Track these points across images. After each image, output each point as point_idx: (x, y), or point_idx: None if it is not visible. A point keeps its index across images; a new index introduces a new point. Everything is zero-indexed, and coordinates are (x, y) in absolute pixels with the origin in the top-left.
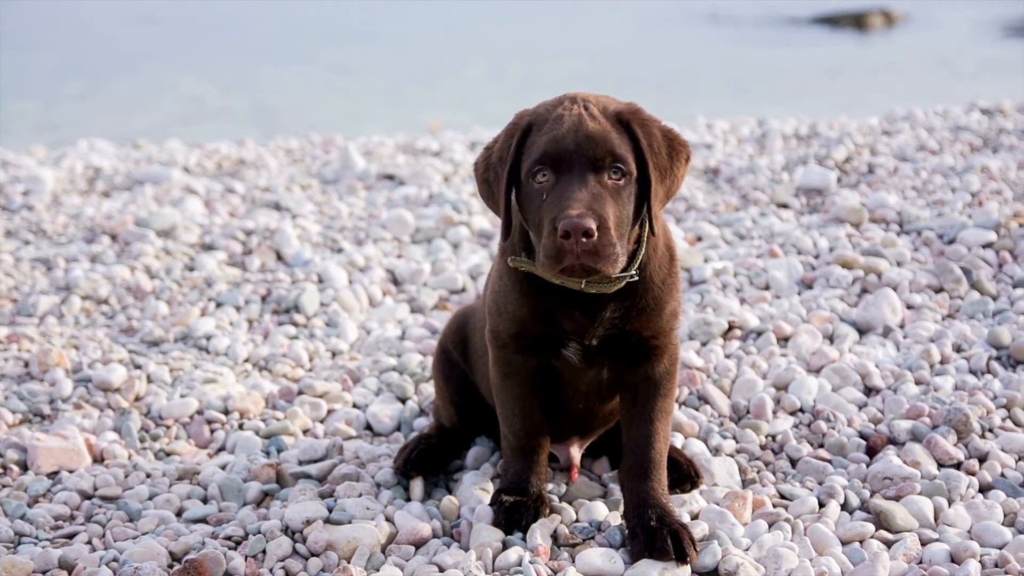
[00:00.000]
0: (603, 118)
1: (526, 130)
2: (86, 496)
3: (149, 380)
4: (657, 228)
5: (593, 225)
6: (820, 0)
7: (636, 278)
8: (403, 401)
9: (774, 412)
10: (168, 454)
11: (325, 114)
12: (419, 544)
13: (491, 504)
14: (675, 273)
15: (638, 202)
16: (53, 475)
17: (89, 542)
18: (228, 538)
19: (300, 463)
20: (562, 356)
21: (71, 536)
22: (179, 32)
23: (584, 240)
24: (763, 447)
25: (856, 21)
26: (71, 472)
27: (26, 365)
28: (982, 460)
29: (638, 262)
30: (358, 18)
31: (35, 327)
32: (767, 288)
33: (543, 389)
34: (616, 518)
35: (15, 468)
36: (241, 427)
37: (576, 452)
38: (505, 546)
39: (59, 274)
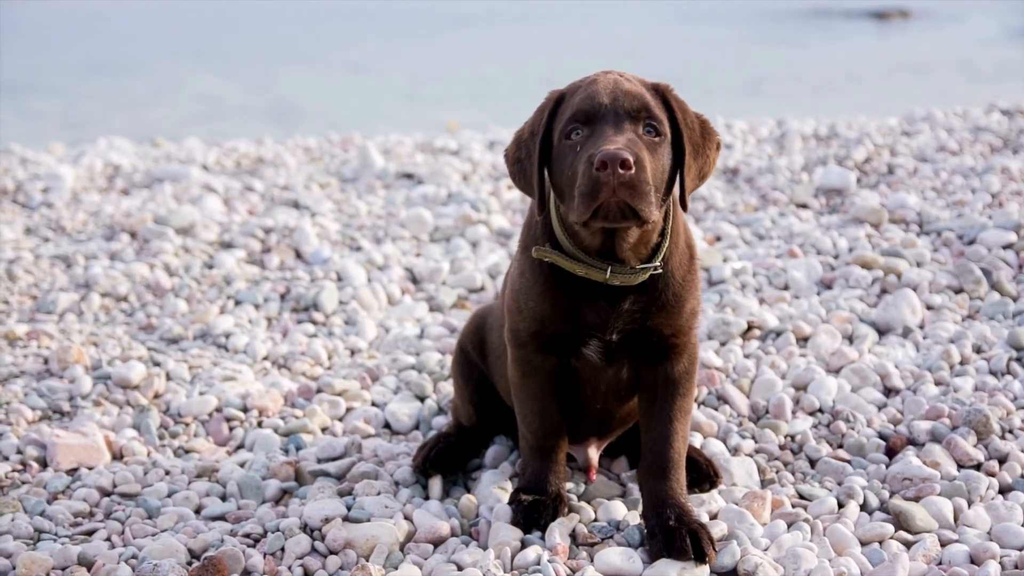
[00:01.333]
0: (642, 86)
1: (557, 101)
2: (105, 493)
3: (168, 377)
4: (678, 225)
5: (630, 156)
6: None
7: (660, 270)
8: (422, 400)
9: (793, 412)
10: (187, 451)
11: (343, 113)
12: (438, 543)
13: (510, 503)
14: (695, 271)
15: (671, 170)
16: (72, 472)
17: (108, 539)
18: (247, 535)
19: (319, 461)
20: (582, 355)
21: (90, 533)
22: (197, 30)
23: (621, 172)
24: (782, 447)
25: (877, 16)
26: (90, 469)
27: (46, 362)
28: (1002, 461)
29: (662, 254)
30: (375, 16)
31: (55, 324)
32: (786, 288)
33: (562, 389)
34: (635, 517)
35: (35, 465)
36: (260, 425)
37: (594, 453)
38: (524, 545)
39: (79, 271)
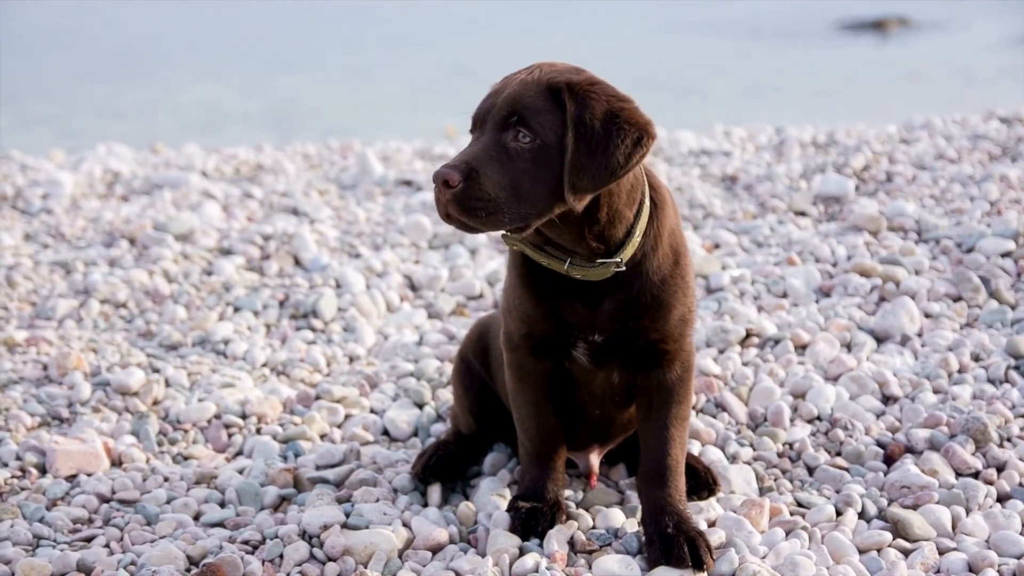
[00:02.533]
0: (534, 84)
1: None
2: (104, 499)
3: (167, 384)
4: (661, 226)
5: (454, 175)
6: (839, 5)
7: (623, 268)
8: (420, 407)
9: (791, 420)
10: (186, 458)
11: (342, 119)
12: (436, 550)
13: (508, 510)
14: (680, 276)
15: (562, 173)
16: (71, 478)
17: (107, 545)
18: (245, 542)
19: (317, 468)
20: (573, 358)
21: (89, 539)
22: (195, 37)
23: (445, 189)
24: (780, 455)
25: (874, 27)
26: (89, 475)
27: (45, 368)
28: (1000, 469)
29: (628, 251)
30: (374, 23)
31: (54, 330)
32: (785, 296)
33: (558, 394)
34: (633, 525)
35: (34, 471)
36: (259, 431)
37: (595, 459)
38: (522, 552)
39: (78, 278)
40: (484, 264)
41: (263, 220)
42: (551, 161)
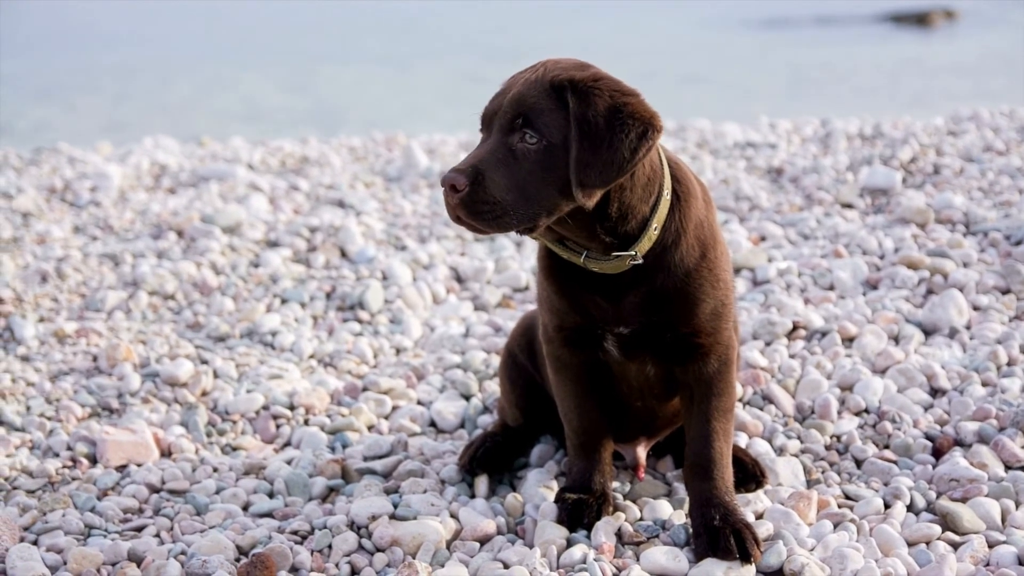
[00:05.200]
0: (539, 84)
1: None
2: (154, 490)
3: (215, 375)
4: (686, 219)
5: (461, 180)
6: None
7: (639, 260)
8: (467, 398)
9: (839, 412)
10: (234, 449)
11: (386, 112)
12: (484, 541)
13: (555, 501)
14: (709, 269)
15: (568, 171)
16: (122, 468)
17: (157, 535)
18: (294, 533)
19: (365, 459)
20: (605, 350)
21: (140, 529)
22: (238, 31)
23: (453, 193)
24: (828, 447)
25: (919, 20)
26: (139, 466)
27: (95, 359)
28: None
29: (644, 244)
30: (417, 17)
31: (103, 322)
32: (832, 288)
33: (599, 386)
34: (681, 517)
35: (85, 461)
36: (306, 423)
37: (642, 451)
38: (569, 544)
39: (126, 270)
40: (530, 256)
41: (309, 212)
42: (558, 160)
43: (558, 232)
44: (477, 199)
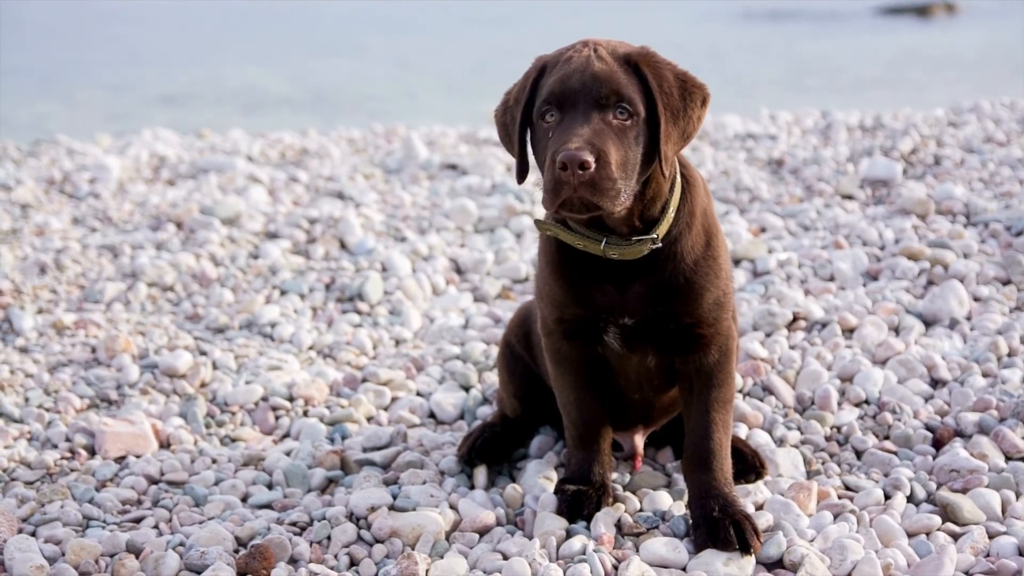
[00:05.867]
0: (611, 59)
1: (540, 72)
2: (153, 481)
3: (214, 367)
4: (694, 207)
5: (590, 158)
6: None
7: (659, 245)
8: (466, 389)
9: (839, 403)
10: (233, 440)
11: (386, 104)
12: (483, 532)
13: (555, 493)
14: (713, 258)
15: (649, 146)
16: (120, 460)
17: (156, 526)
18: (293, 524)
19: (364, 450)
20: (604, 343)
21: (138, 520)
22: (238, 23)
23: (580, 172)
24: (828, 438)
25: (919, 11)
26: (138, 457)
27: (93, 351)
28: None
29: (663, 227)
30: (417, 9)
31: (102, 313)
32: (832, 279)
33: (598, 377)
34: (680, 508)
35: (83, 453)
36: (306, 414)
37: (639, 441)
38: (569, 535)
39: (125, 261)
40: (529, 247)
41: (309, 204)
42: (642, 134)
43: (598, 216)
44: (603, 176)
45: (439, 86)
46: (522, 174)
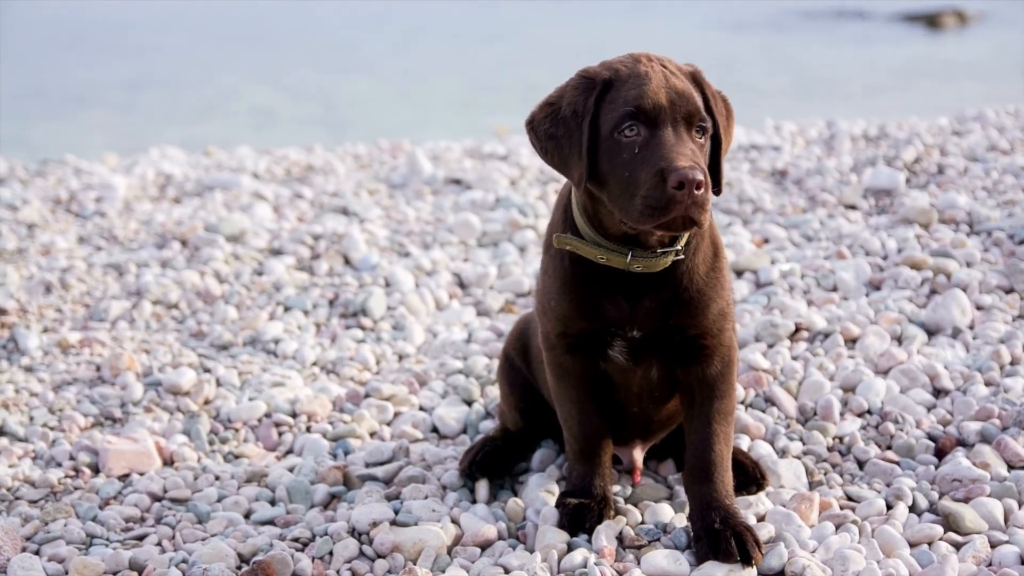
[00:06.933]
0: (683, 76)
1: (605, 87)
2: (156, 498)
3: (218, 383)
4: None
5: (703, 177)
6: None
7: (682, 257)
8: (469, 404)
9: (841, 414)
10: (236, 456)
11: (392, 120)
12: (485, 546)
13: (556, 506)
14: (720, 270)
15: (709, 160)
16: (124, 477)
17: (159, 543)
18: (296, 540)
19: (367, 465)
20: (609, 357)
21: (141, 537)
22: (245, 40)
23: (696, 192)
24: (830, 449)
25: (929, 21)
26: (141, 475)
27: (98, 369)
28: None
29: (684, 239)
30: (422, 23)
31: (107, 332)
32: (835, 290)
33: (598, 392)
34: (682, 520)
35: (87, 471)
36: (308, 430)
37: (638, 454)
38: (570, 548)
39: (130, 279)
40: (533, 261)
41: (313, 220)
42: (708, 151)
43: (623, 229)
44: (706, 196)
45: (447, 100)
46: (581, 188)
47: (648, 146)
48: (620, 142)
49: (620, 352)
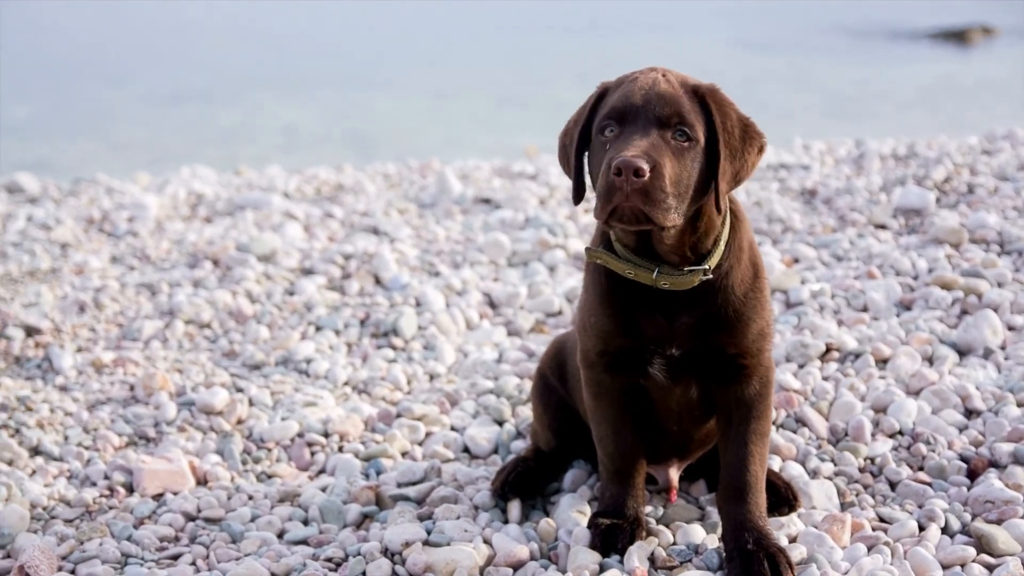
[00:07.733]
0: (678, 84)
1: (601, 94)
2: (190, 518)
3: (251, 403)
4: (741, 240)
5: (644, 165)
6: (921, 16)
7: (710, 276)
8: (500, 424)
9: (873, 435)
10: (269, 476)
11: (421, 139)
12: (517, 566)
13: (588, 526)
14: (760, 290)
15: (704, 175)
16: (158, 497)
17: (193, 563)
18: (329, 559)
19: (399, 485)
20: (649, 375)
21: (176, 557)
22: (275, 59)
23: (635, 179)
24: (862, 470)
25: (958, 37)
26: (175, 494)
27: (131, 389)
28: None
29: (714, 259)
30: (451, 44)
31: (140, 351)
32: (865, 310)
33: (636, 410)
34: (714, 541)
35: (121, 490)
36: (341, 450)
37: (674, 473)
38: (602, 569)
39: (163, 299)
40: (563, 281)
41: (344, 240)
42: (698, 162)
43: (642, 243)
44: (656, 187)
45: (477, 119)
46: (578, 195)
47: (616, 141)
48: (599, 142)
49: (659, 370)
